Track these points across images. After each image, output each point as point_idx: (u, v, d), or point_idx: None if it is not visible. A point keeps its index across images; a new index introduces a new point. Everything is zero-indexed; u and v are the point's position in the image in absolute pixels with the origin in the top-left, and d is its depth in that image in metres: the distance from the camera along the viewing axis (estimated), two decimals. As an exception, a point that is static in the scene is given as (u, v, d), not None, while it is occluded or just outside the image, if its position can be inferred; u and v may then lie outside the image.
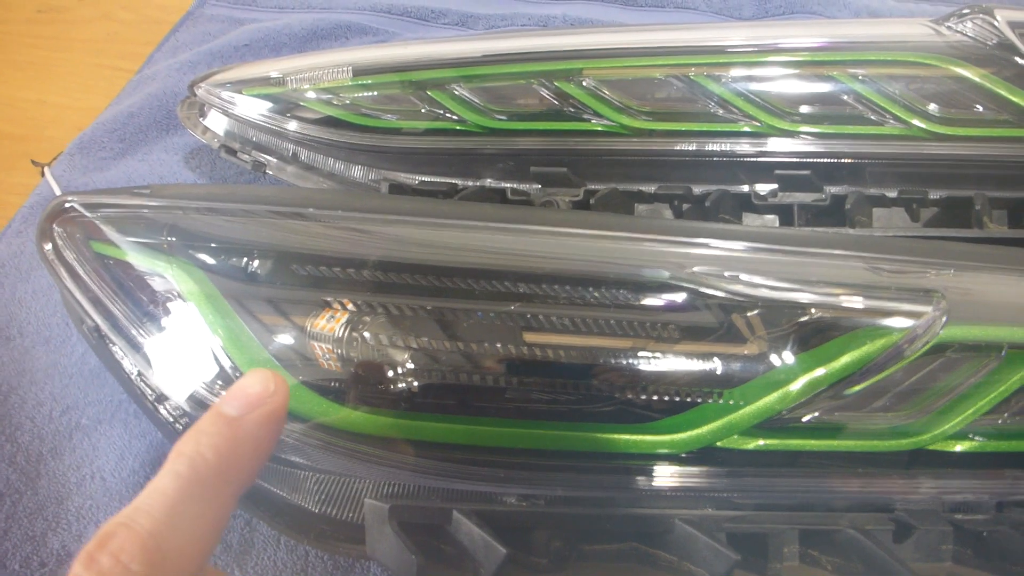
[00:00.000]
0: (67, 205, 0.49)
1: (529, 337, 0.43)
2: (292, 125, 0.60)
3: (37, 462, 0.54)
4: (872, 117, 0.57)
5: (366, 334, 0.43)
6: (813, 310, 0.41)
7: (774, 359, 0.41)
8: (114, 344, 0.48)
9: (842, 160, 0.57)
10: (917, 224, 0.58)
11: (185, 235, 0.45)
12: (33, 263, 0.66)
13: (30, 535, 0.51)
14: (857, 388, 0.40)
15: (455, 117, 0.58)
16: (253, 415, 0.31)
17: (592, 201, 0.56)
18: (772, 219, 0.58)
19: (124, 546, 0.26)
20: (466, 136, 0.58)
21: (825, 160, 0.57)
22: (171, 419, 0.48)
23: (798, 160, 0.56)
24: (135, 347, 0.46)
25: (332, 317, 0.44)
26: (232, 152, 0.63)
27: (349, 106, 0.59)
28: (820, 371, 0.41)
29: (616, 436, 0.42)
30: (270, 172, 0.62)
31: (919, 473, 0.43)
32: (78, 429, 0.56)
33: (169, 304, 0.45)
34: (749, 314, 0.42)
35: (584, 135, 0.57)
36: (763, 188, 0.57)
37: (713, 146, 0.57)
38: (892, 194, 0.57)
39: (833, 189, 0.58)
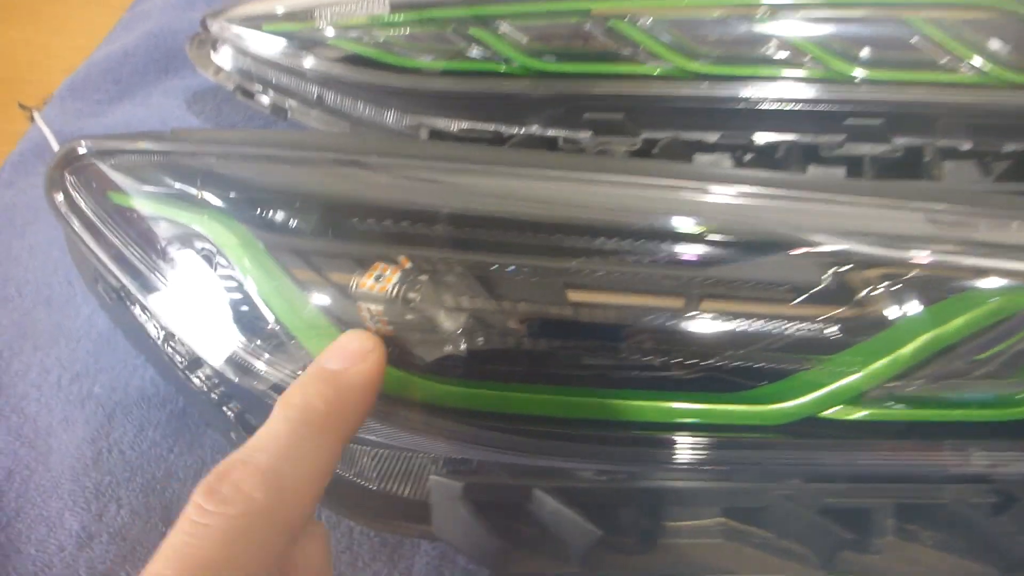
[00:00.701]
0: (81, 151, 0.43)
1: (610, 298, 0.39)
2: (318, 65, 0.55)
3: (47, 435, 0.49)
4: (944, 63, 0.53)
5: (429, 293, 0.39)
6: (926, 268, 0.38)
7: (883, 321, 0.38)
8: (137, 305, 0.44)
9: (915, 110, 0.53)
10: (988, 178, 0.55)
11: (222, 184, 0.40)
12: (29, 217, 0.60)
13: (44, 515, 0.46)
14: (987, 354, 0.36)
15: (500, 58, 0.53)
16: (355, 369, 0.33)
17: (655, 151, 0.52)
18: (840, 172, 0.54)
19: (244, 477, 0.27)
20: (512, 79, 0.53)
21: (897, 109, 0.53)
22: (205, 387, 0.43)
23: (869, 108, 0.52)
24: (161, 308, 0.42)
25: (381, 276, 0.40)
26: (249, 94, 0.57)
27: (383, 44, 0.54)
28: (933, 334, 0.37)
29: (707, 407, 0.39)
30: (291, 116, 0.57)
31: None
32: (90, 398, 0.51)
33: (204, 260, 0.40)
34: (854, 272, 0.38)
35: (641, 79, 0.53)
36: (831, 139, 0.53)
37: (778, 92, 0.52)
38: (964, 146, 0.54)
39: (903, 140, 0.54)
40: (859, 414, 0.38)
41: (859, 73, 0.53)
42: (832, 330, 0.38)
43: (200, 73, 0.60)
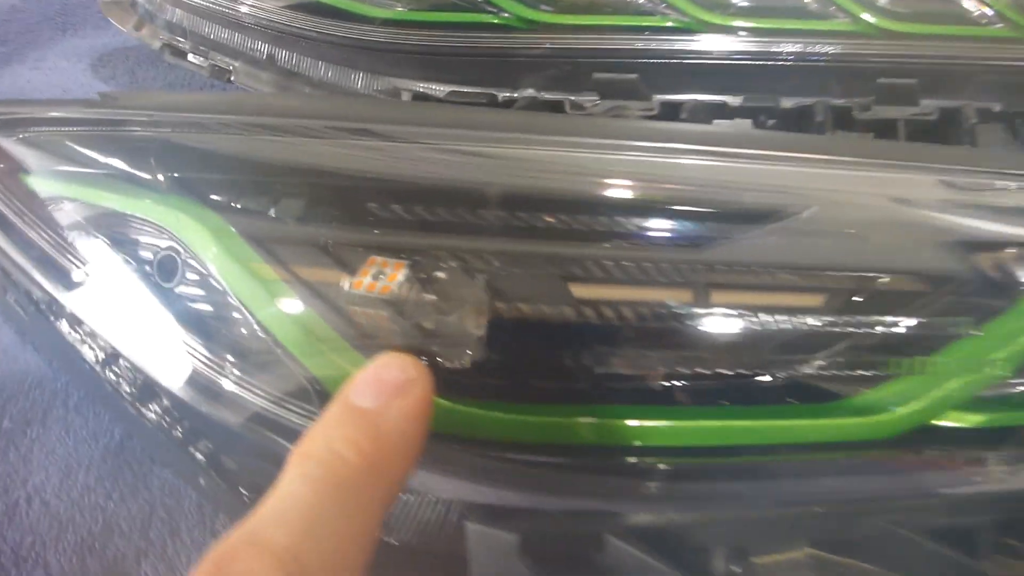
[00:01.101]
0: (-18, 120, 0.33)
1: (668, 294, 0.32)
2: (267, 15, 0.45)
3: (-57, 487, 0.39)
4: (976, 16, 0.48)
5: (450, 292, 0.31)
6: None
7: (994, 309, 0.32)
8: (64, 320, 0.34)
9: (949, 66, 0.48)
10: (1017, 141, 0.51)
11: (182, 161, 0.31)
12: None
13: (-53, 594, 0.36)
14: None
15: (491, 7, 0.45)
16: (396, 406, 0.25)
17: (684, 116, 0.45)
18: (868, 136, 0.49)
19: (254, 567, 0.20)
20: (506, 32, 0.45)
21: (931, 67, 0.48)
22: (164, 423, 0.34)
23: (903, 66, 0.47)
24: (101, 322, 0.32)
25: (381, 273, 0.31)
26: (180, 54, 0.47)
27: (348, -10, 0.45)
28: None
29: (794, 423, 0.32)
30: (236, 80, 0.47)
31: None
32: (-2, 435, 0.41)
33: (162, 257, 0.31)
34: (959, 253, 0.33)
35: (655, 32, 0.46)
36: (861, 101, 0.48)
37: (809, 47, 0.46)
38: (996, 108, 0.49)
39: (933, 102, 0.49)
40: (973, 420, 0.33)
41: (892, 27, 0.47)
42: (941, 322, 0.32)
43: (111, 27, 0.50)
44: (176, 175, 0.31)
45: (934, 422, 0.32)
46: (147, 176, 0.31)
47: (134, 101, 0.33)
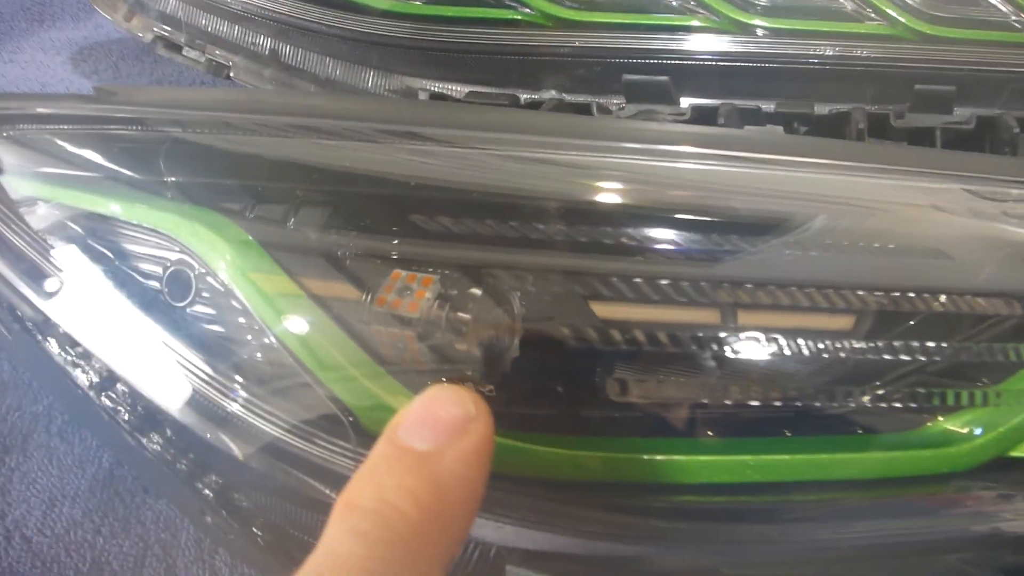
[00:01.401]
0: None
1: (745, 318, 0.29)
2: (269, 7, 0.42)
3: (-87, 523, 0.35)
4: (1015, 21, 0.46)
5: (485, 311, 0.29)
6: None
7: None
8: (53, 341, 0.31)
9: (990, 73, 0.46)
10: (1051, 152, 0.49)
11: (196, 165, 0.28)
12: None
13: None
14: None
15: (514, 2, 0.42)
16: (454, 449, 0.22)
17: (721, 120, 0.42)
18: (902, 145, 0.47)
19: None
20: (531, 29, 0.42)
21: (970, 73, 0.45)
22: (167, 455, 0.30)
23: (941, 72, 0.45)
24: (97, 343, 0.29)
25: (407, 289, 0.28)
26: (174, 47, 0.44)
27: (361, -19, 0.42)
28: None
29: (864, 455, 0.30)
30: (235, 76, 0.44)
31: None
32: (-27, 464, 0.37)
33: (172, 273, 0.28)
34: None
35: (685, 32, 0.43)
36: (897, 107, 0.46)
37: (845, 51, 0.44)
38: (1031, 116, 0.47)
39: (967, 110, 0.47)
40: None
41: (930, 31, 0.45)
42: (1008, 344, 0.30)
43: (91, 18, 0.46)
44: (188, 180, 0.27)
45: (1011, 454, 0.30)
46: (154, 180, 0.28)
47: (136, 97, 0.30)
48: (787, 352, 0.29)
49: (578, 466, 0.28)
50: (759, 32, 0.44)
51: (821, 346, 0.29)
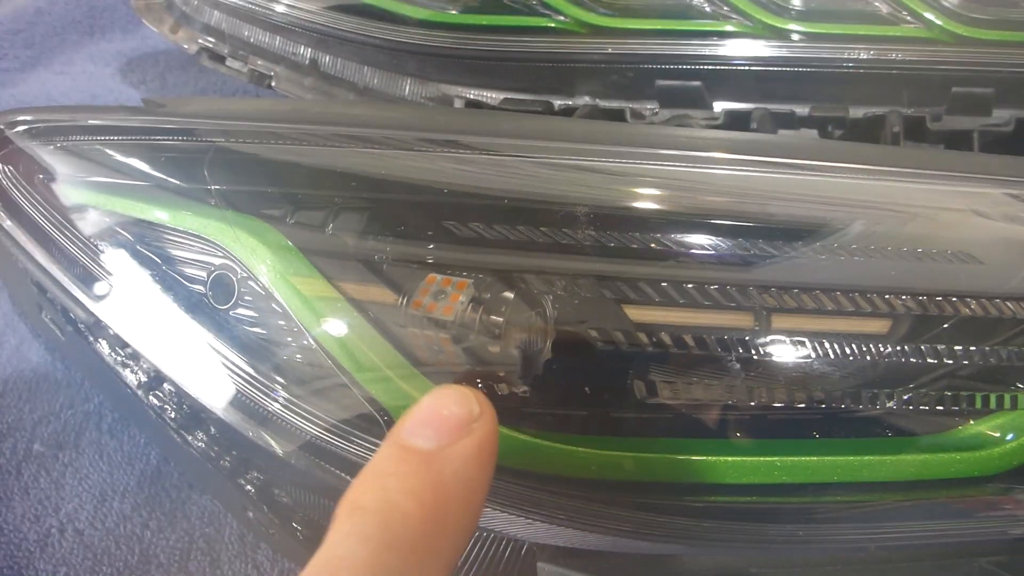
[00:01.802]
0: (18, 128, 0.31)
1: (778, 322, 0.29)
2: (309, 18, 0.43)
3: (-28, 515, 0.37)
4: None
5: (519, 315, 0.29)
6: None
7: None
8: (103, 341, 0.32)
9: (1026, 75, 0.45)
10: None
11: (239, 173, 0.29)
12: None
13: (-23, 630, 0.34)
14: None
15: (548, 10, 0.43)
16: (457, 447, 0.22)
17: (754, 125, 0.43)
18: (939, 148, 0.47)
19: None
20: (565, 36, 0.43)
21: (1011, 76, 0.45)
22: (212, 452, 0.32)
23: (981, 74, 0.45)
24: (145, 344, 0.30)
25: (442, 293, 0.29)
26: (218, 58, 0.45)
27: (397, -8, 0.43)
28: None
29: (895, 457, 0.30)
30: (276, 85, 0.45)
31: None
32: (29, 459, 0.39)
33: (215, 274, 0.29)
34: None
35: (719, 38, 0.43)
36: (932, 110, 0.45)
37: (880, 55, 0.44)
38: (1071, 118, 0.47)
39: (1006, 112, 0.46)
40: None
41: (967, 33, 0.45)
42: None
43: (140, 30, 0.48)
44: (231, 188, 0.28)
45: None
46: (199, 188, 0.29)
47: (182, 108, 0.31)
48: (818, 355, 0.29)
49: (608, 465, 0.29)
50: (793, 36, 0.44)
51: (852, 349, 0.29)
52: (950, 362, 0.29)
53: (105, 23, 0.56)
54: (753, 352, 0.29)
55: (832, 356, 0.29)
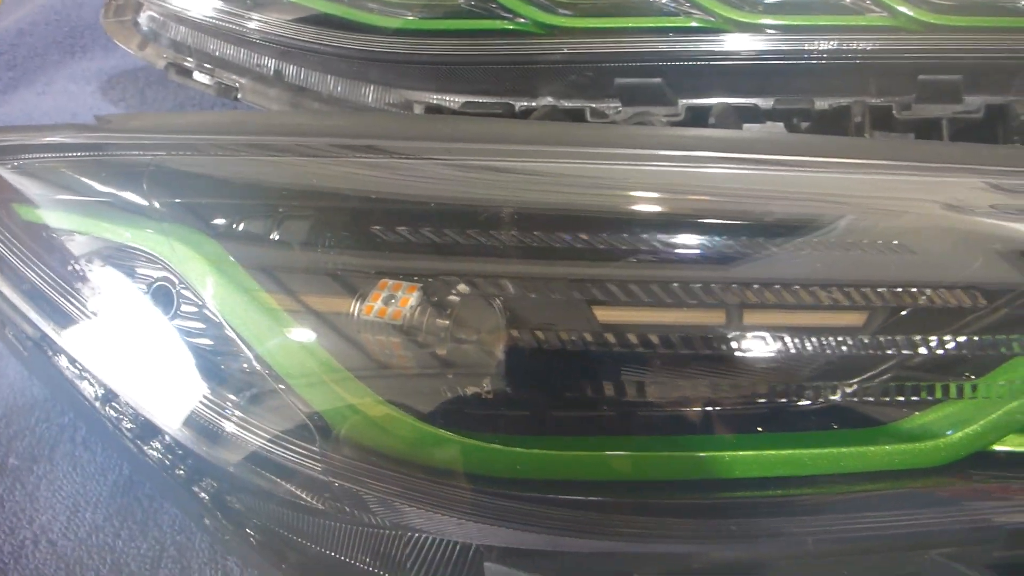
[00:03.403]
0: (-30, 149, 0.32)
1: (695, 316, 0.29)
2: (272, 29, 0.44)
3: (-53, 528, 0.37)
4: (1022, 5, 0.45)
5: (467, 316, 0.29)
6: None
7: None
8: (62, 356, 0.32)
9: (996, 61, 0.45)
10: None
11: (177, 185, 0.30)
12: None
13: (-49, 641, 0.35)
14: None
15: (506, 12, 0.43)
16: None
17: (712, 120, 0.42)
18: (909, 137, 0.46)
19: None
20: (523, 38, 0.43)
21: (976, 62, 0.45)
22: (166, 461, 0.32)
23: (946, 62, 0.44)
24: (97, 360, 0.31)
25: (392, 297, 0.29)
26: (185, 72, 0.46)
27: (356, 0, 0.43)
28: None
29: (837, 451, 0.30)
30: (243, 97, 0.45)
31: None
32: (4, 473, 0.39)
33: (157, 289, 0.29)
34: (1013, 262, 0.30)
35: (680, 34, 0.43)
36: (901, 99, 0.45)
37: (844, 44, 0.44)
38: (1045, 102, 0.46)
39: (978, 99, 0.46)
40: (1040, 443, 0.30)
41: (933, 20, 0.44)
42: (996, 339, 0.29)
43: (120, 48, 0.48)
44: (169, 200, 0.29)
45: (993, 447, 0.30)
46: (141, 202, 0.29)
47: (128, 124, 0.32)
48: (761, 351, 0.29)
49: (548, 465, 0.29)
50: (755, 30, 0.44)
51: (794, 344, 0.29)
52: (893, 353, 0.29)
53: (86, 43, 0.57)
54: (703, 347, 0.29)
55: (775, 352, 0.29)
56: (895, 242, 0.30)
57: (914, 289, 0.29)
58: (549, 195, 0.29)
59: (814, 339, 0.29)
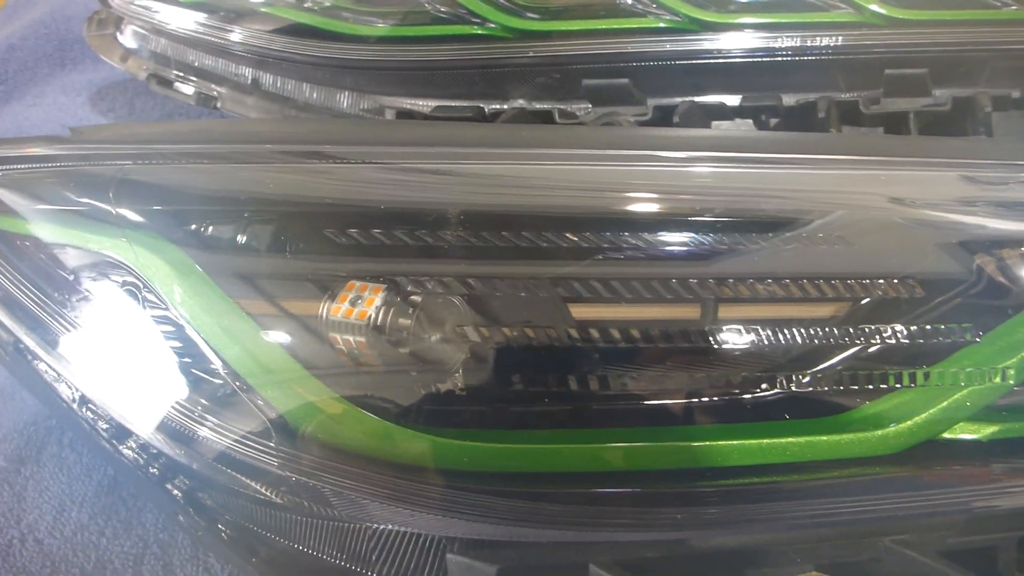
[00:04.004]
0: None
1: (658, 311, 0.30)
2: (249, 40, 0.45)
3: (-64, 529, 0.39)
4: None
5: (427, 317, 0.30)
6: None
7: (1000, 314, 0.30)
8: (41, 361, 0.33)
9: (962, 53, 0.45)
10: (1039, 130, 0.48)
11: (143, 194, 0.31)
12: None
13: (-60, 638, 0.36)
14: None
15: (474, 17, 0.44)
16: None
17: (676, 119, 0.43)
18: (878, 131, 0.47)
19: None
20: (491, 42, 0.44)
21: (941, 55, 0.45)
22: (141, 460, 0.33)
23: (911, 55, 0.45)
24: (72, 364, 0.32)
25: (359, 298, 0.30)
26: (166, 83, 0.47)
27: (328, 10, 0.44)
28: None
29: (793, 440, 0.30)
30: (222, 106, 0.47)
31: None
32: (-8, 474, 0.41)
33: (125, 296, 0.30)
34: (961, 254, 0.31)
35: (647, 35, 0.44)
36: (869, 94, 0.46)
37: (810, 41, 0.44)
38: (1014, 94, 0.47)
39: (945, 92, 0.46)
40: (987, 432, 0.31)
41: (898, 14, 0.45)
42: (948, 327, 0.30)
43: (104, 61, 0.50)
44: (134, 208, 0.30)
45: (944, 435, 0.30)
46: (108, 210, 0.30)
47: (99, 135, 0.33)
48: (712, 342, 0.30)
49: (502, 458, 0.29)
50: (721, 29, 0.44)
51: (752, 335, 0.30)
52: (846, 342, 0.30)
53: (76, 55, 0.58)
54: (659, 341, 0.29)
55: (728, 345, 0.30)
56: (841, 235, 0.30)
57: (866, 281, 0.30)
58: (498, 197, 0.30)
59: (768, 331, 0.30)
